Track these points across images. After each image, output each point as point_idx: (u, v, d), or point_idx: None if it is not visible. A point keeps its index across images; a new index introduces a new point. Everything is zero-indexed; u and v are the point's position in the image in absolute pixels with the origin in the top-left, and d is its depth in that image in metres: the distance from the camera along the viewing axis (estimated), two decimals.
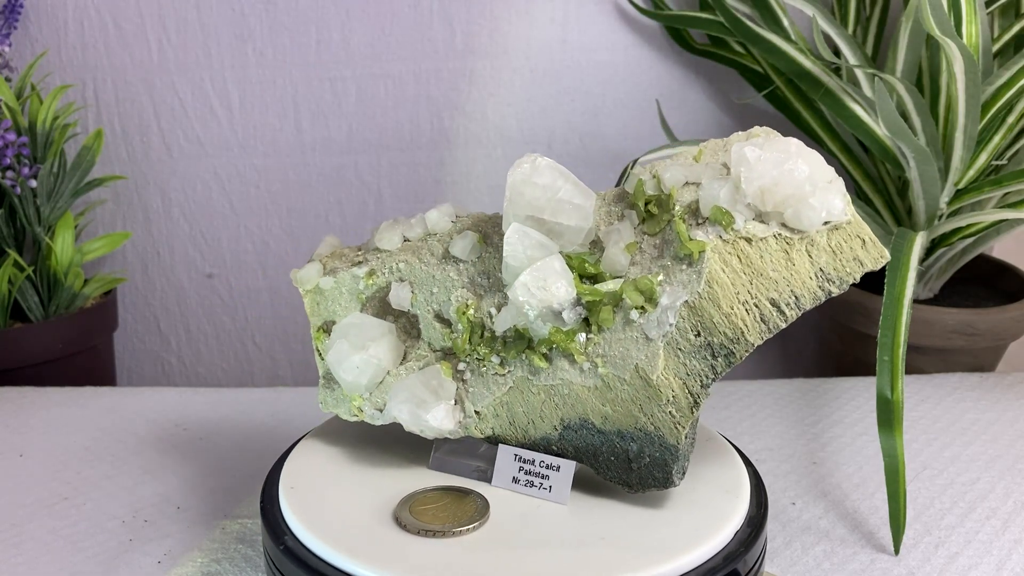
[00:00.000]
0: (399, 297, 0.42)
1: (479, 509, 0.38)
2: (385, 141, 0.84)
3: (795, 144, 0.37)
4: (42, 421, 0.65)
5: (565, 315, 0.38)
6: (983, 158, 0.67)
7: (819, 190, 0.37)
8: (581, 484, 0.40)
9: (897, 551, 0.48)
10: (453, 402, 0.40)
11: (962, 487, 0.55)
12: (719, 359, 0.37)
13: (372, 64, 0.82)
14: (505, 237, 0.38)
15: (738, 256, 0.37)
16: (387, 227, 0.44)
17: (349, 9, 0.80)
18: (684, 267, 0.37)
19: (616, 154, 0.84)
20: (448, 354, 0.41)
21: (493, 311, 0.40)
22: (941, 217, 0.68)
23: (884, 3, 0.76)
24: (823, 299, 0.37)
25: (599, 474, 0.39)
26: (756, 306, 0.36)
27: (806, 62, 0.68)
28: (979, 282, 0.78)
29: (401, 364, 0.42)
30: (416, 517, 0.37)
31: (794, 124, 0.76)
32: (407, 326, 0.42)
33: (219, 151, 0.84)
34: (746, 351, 0.36)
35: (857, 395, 0.67)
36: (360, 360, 0.41)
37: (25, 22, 0.81)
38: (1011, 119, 0.66)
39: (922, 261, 0.71)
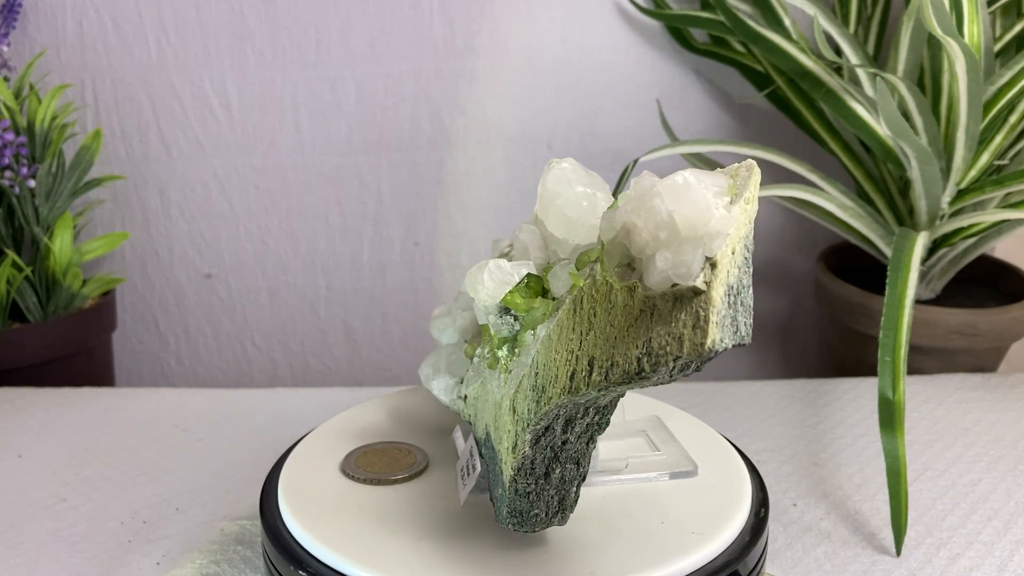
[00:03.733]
0: None
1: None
2: (385, 141, 0.84)
3: (685, 177, 0.30)
4: (40, 422, 0.65)
5: (491, 320, 0.37)
6: (985, 158, 0.67)
7: (678, 244, 0.29)
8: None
9: (899, 552, 0.48)
10: (459, 380, 0.41)
11: (964, 488, 0.55)
12: (540, 403, 0.33)
13: (372, 64, 0.81)
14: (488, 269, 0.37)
15: (598, 302, 0.32)
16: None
17: (349, 9, 0.80)
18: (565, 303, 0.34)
19: (617, 154, 0.83)
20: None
21: None
22: (943, 217, 0.68)
23: (885, 2, 0.75)
24: (634, 377, 0.30)
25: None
26: (575, 360, 0.32)
27: (807, 61, 0.67)
28: (981, 282, 0.78)
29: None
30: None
31: (795, 124, 0.76)
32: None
33: (218, 151, 0.84)
34: (547, 402, 0.32)
35: (858, 396, 0.67)
36: (440, 323, 0.44)
37: (24, 21, 0.81)
38: (1013, 119, 0.66)
39: (924, 261, 0.71)
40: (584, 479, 0.35)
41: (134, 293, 0.89)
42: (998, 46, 0.69)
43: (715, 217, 0.29)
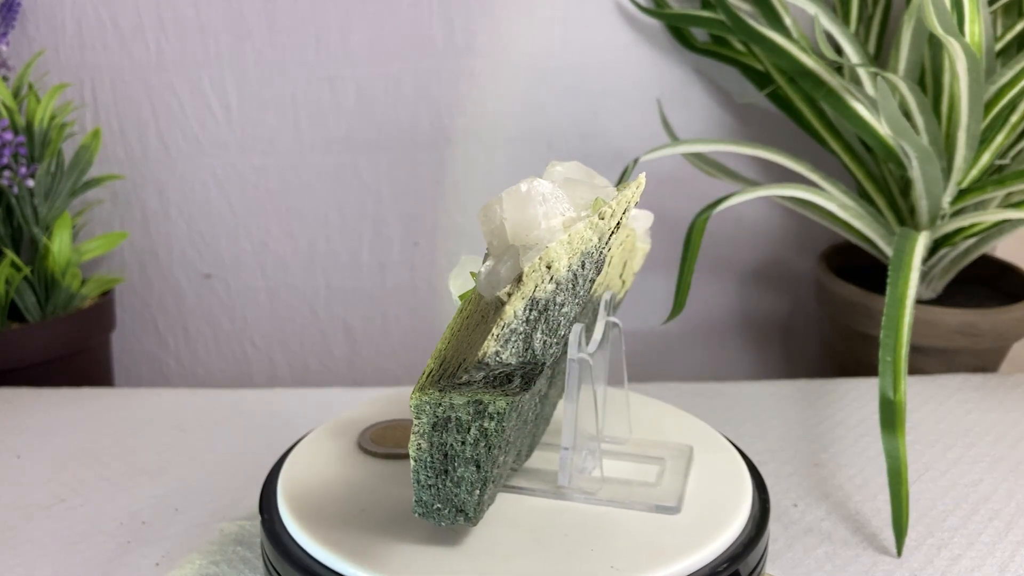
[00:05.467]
0: None
1: None
2: (385, 141, 0.84)
3: (529, 184, 0.29)
4: (39, 422, 0.65)
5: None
6: (986, 157, 0.67)
7: (504, 251, 0.29)
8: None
9: (900, 553, 0.48)
10: None
11: (965, 489, 0.55)
12: (422, 394, 0.33)
13: (372, 63, 0.81)
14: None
15: (472, 304, 0.33)
16: None
17: (348, 8, 0.80)
18: None
19: (617, 153, 0.83)
20: None
21: None
22: (944, 217, 0.68)
23: (886, 2, 0.75)
24: (461, 383, 0.30)
25: None
26: (436, 357, 0.32)
27: (808, 61, 0.67)
28: (982, 282, 0.78)
29: None
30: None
31: (796, 123, 0.76)
32: None
33: (217, 151, 0.84)
34: (427, 395, 0.32)
35: (859, 396, 0.67)
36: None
37: (23, 21, 0.81)
38: (1014, 118, 0.66)
39: (925, 261, 0.71)
40: (494, 483, 0.35)
41: (133, 293, 0.89)
42: (999, 45, 0.69)
43: (538, 229, 0.29)
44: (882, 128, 0.67)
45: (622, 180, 0.69)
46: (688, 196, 0.84)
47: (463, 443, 0.33)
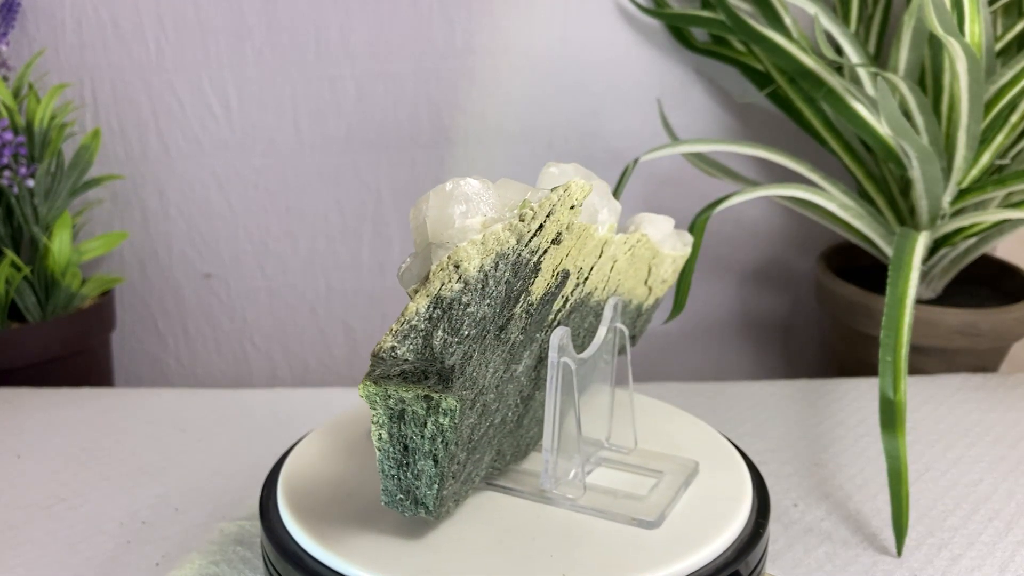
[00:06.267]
0: None
1: None
2: (385, 140, 0.84)
3: (454, 183, 0.30)
4: (39, 422, 0.65)
5: None
6: (986, 157, 0.67)
7: (424, 248, 0.31)
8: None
9: (900, 553, 0.48)
10: None
11: (965, 488, 0.55)
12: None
13: (372, 63, 0.81)
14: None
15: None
16: None
17: (348, 8, 0.80)
18: None
19: (617, 153, 0.83)
20: None
21: None
22: (944, 217, 0.68)
23: (886, 1, 0.75)
24: (389, 376, 0.32)
25: None
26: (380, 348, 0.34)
27: (808, 61, 0.67)
28: (982, 282, 0.78)
29: None
30: None
31: (796, 123, 0.76)
32: None
33: (217, 150, 0.84)
34: (363, 394, 0.33)
35: (859, 396, 0.67)
36: None
37: (23, 21, 0.81)
38: (1014, 118, 0.66)
39: (925, 261, 0.71)
40: (460, 481, 0.35)
41: (133, 293, 0.89)
42: (999, 45, 0.69)
43: (452, 227, 0.29)
44: (882, 128, 0.67)
45: (622, 180, 0.69)
46: (688, 196, 0.84)
47: (422, 437, 0.33)
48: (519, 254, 0.30)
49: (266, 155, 0.84)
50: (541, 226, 0.31)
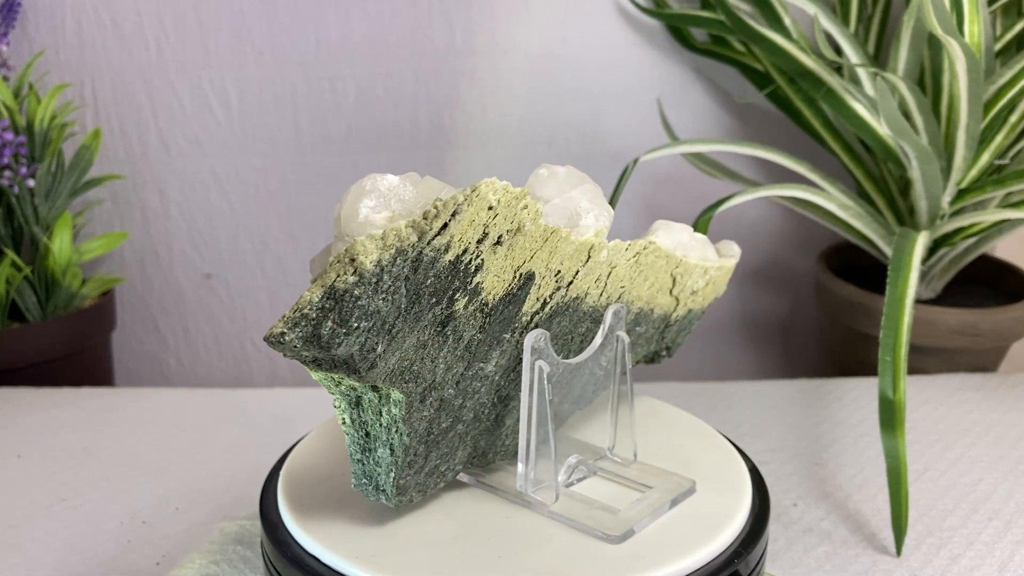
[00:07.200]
0: None
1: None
2: (385, 141, 0.84)
3: (372, 179, 0.31)
4: (40, 422, 0.65)
5: None
6: (985, 157, 0.67)
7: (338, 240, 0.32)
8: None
9: (899, 552, 0.48)
10: None
11: (964, 488, 0.55)
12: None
13: (372, 63, 0.81)
14: None
15: None
16: None
17: (348, 8, 0.80)
18: None
19: (617, 153, 0.83)
20: None
21: None
22: (943, 217, 0.68)
23: (886, 2, 0.75)
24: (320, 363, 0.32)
25: None
26: None
27: (808, 61, 0.67)
28: (981, 282, 0.78)
29: None
30: None
31: (795, 123, 0.76)
32: None
33: (217, 150, 0.84)
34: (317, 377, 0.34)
35: (859, 396, 0.67)
36: None
37: (23, 21, 0.81)
38: (1013, 118, 0.66)
39: (924, 261, 0.71)
40: (425, 474, 0.36)
41: (133, 293, 0.89)
42: (998, 45, 0.69)
43: (356, 221, 0.29)
44: (882, 128, 0.67)
45: (622, 180, 0.69)
46: (688, 196, 0.84)
47: (379, 425, 0.34)
48: (420, 251, 0.31)
49: (266, 155, 0.84)
50: (446, 225, 0.31)
